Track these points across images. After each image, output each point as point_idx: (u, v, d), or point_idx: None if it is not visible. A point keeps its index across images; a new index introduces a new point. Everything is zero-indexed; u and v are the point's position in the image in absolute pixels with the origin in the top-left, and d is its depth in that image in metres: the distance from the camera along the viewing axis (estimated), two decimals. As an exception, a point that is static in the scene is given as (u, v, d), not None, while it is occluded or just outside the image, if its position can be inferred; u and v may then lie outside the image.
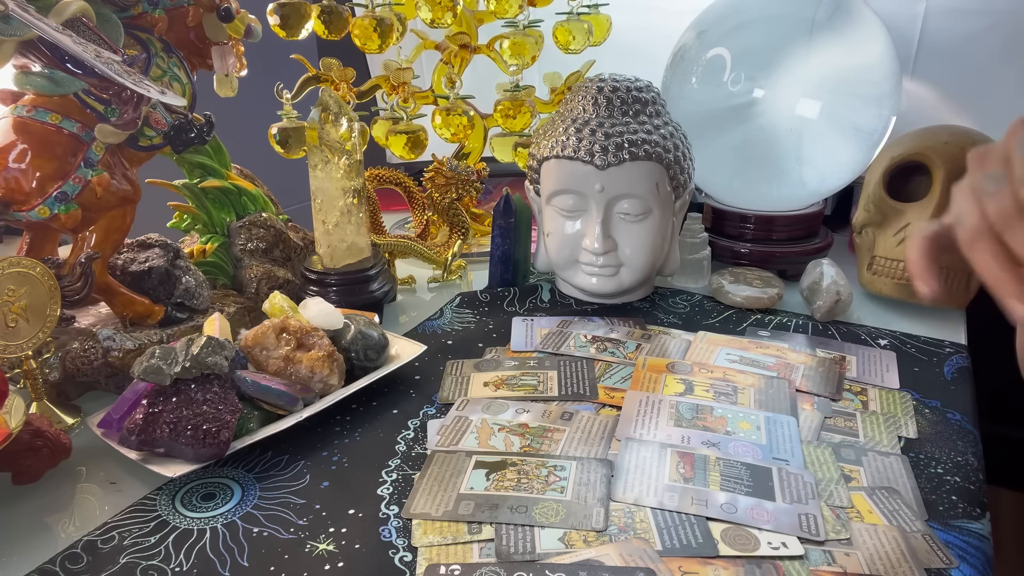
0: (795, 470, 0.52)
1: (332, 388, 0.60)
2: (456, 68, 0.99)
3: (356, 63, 1.03)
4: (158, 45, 0.68)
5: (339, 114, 0.72)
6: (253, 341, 0.60)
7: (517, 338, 0.73)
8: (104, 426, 0.55)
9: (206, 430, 0.51)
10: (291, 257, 0.84)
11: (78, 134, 0.61)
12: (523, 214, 0.83)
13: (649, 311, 0.79)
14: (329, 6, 0.91)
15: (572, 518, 0.48)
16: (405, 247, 0.86)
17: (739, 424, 0.58)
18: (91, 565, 0.46)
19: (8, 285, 0.54)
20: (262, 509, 0.51)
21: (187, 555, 0.47)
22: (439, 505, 0.50)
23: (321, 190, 0.75)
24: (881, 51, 0.86)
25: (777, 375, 0.65)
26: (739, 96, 0.90)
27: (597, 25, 0.95)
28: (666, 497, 0.50)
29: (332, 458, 0.56)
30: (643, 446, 0.55)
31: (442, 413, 0.61)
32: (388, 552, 0.46)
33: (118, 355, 0.64)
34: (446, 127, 0.95)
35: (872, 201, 0.82)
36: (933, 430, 0.58)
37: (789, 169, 0.90)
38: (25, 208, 0.59)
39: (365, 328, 0.64)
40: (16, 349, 0.55)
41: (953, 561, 0.45)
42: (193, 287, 0.70)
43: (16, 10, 0.52)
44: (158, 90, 0.60)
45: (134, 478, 0.54)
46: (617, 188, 0.73)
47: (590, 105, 0.75)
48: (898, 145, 0.82)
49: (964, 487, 0.52)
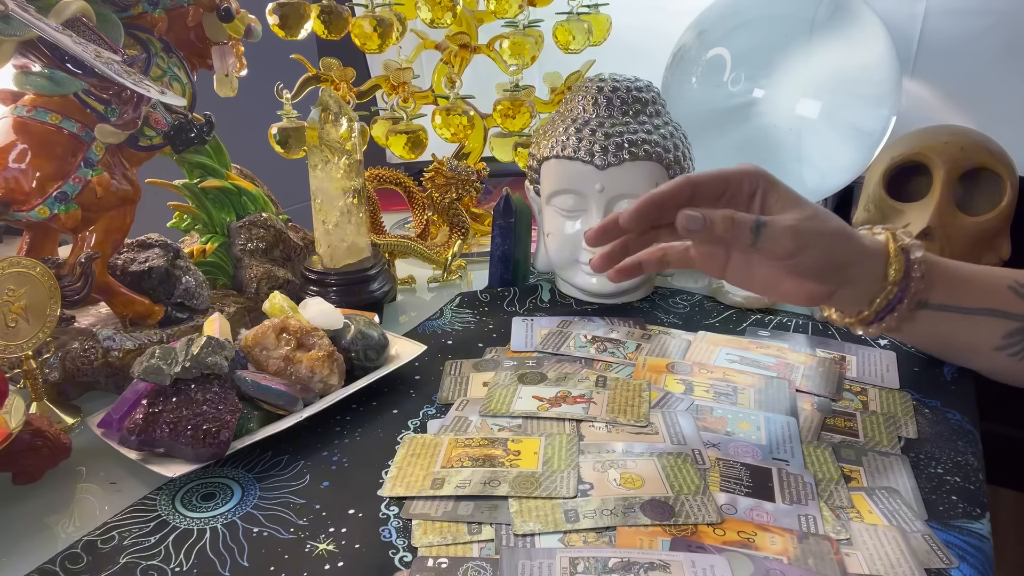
0: (795, 470, 0.52)
1: (332, 388, 0.60)
2: (456, 68, 0.99)
3: (356, 63, 1.03)
4: (158, 45, 0.68)
5: (339, 114, 0.72)
6: (253, 341, 0.60)
7: (517, 338, 0.73)
8: (104, 426, 0.55)
9: (206, 430, 0.51)
10: (291, 257, 0.84)
11: (78, 134, 0.61)
12: (523, 214, 0.83)
13: (649, 311, 0.79)
14: (329, 6, 0.91)
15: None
16: (405, 247, 0.86)
17: (739, 424, 0.58)
18: (91, 565, 0.46)
19: (8, 285, 0.54)
20: (262, 509, 0.51)
21: (187, 555, 0.47)
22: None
23: (321, 190, 0.75)
24: (881, 51, 0.86)
25: (777, 375, 0.65)
26: (739, 96, 0.90)
27: (597, 25, 0.95)
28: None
29: (332, 458, 0.56)
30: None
31: (442, 413, 0.61)
32: (388, 552, 0.46)
33: (118, 355, 0.64)
34: (446, 127, 0.95)
35: (872, 201, 0.82)
36: (933, 430, 0.58)
37: (789, 169, 0.90)
38: (25, 208, 0.59)
39: (365, 328, 0.64)
40: (16, 349, 0.55)
41: (953, 561, 0.45)
42: (193, 287, 0.70)
43: (16, 10, 0.51)
44: (158, 90, 0.60)
45: (134, 478, 0.54)
46: (617, 188, 0.73)
47: (590, 105, 0.75)
48: (898, 145, 0.82)
49: (964, 487, 0.52)
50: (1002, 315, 0.58)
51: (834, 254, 0.54)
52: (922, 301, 0.57)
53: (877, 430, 0.58)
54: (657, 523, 0.47)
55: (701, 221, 0.51)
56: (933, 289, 0.57)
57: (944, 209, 0.76)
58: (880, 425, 0.58)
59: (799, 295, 0.57)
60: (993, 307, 0.58)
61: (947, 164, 0.76)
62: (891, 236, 0.57)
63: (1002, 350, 0.59)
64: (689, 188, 0.53)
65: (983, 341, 0.59)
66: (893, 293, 0.56)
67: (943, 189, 0.76)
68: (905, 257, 0.56)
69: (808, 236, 0.52)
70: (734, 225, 0.51)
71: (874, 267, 0.56)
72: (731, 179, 0.54)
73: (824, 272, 0.54)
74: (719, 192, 0.54)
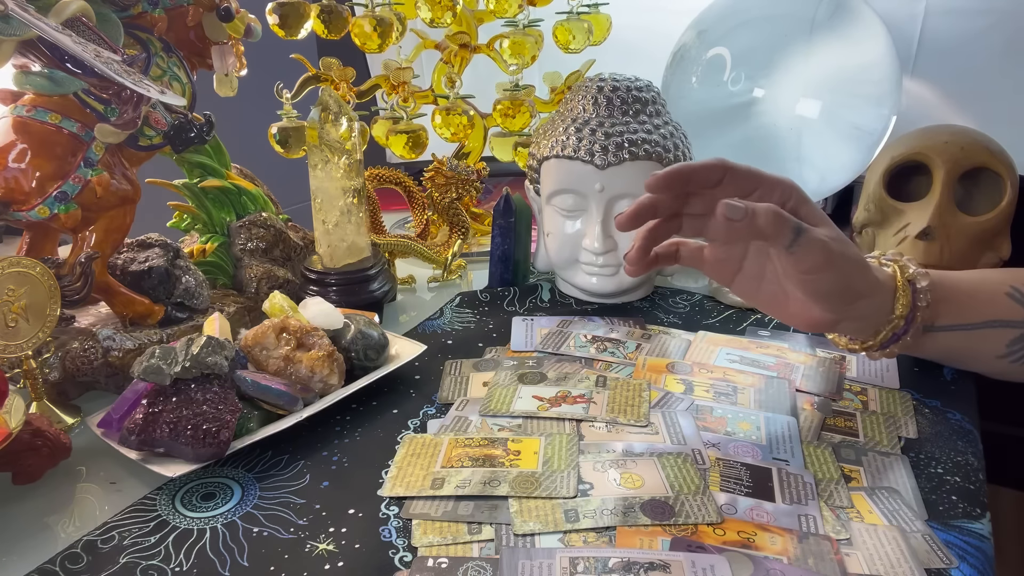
0: (795, 470, 0.52)
1: (332, 388, 0.60)
2: (456, 68, 0.99)
3: (356, 63, 1.03)
4: (158, 45, 0.68)
5: (339, 114, 0.72)
6: (253, 341, 0.60)
7: (517, 338, 0.73)
8: (104, 426, 0.55)
9: (206, 430, 0.51)
10: (291, 257, 0.84)
11: (78, 134, 0.61)
12: (523, 214, 0.83)
13: (649, 311, 0.79)
14: (329, 6, 0.91)
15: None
16: (405, 247, 0.86)
17: (739, 424, 0.58)
18: (91, 565, 0.46)
19: (8, 285, 0.54)
20: (262, 509, 0.51)
21: (187, 555, 0.47)
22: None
23: (321, 190, 0.75)
24: (881, 50, 0.86)
25: (777, 375, 0.65)
26: (739, 96, 0.90)
27: (597, 25, 0.95)
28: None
29: (332, 458, 0.56)
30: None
31: (442, 413, 0.61)
32: (388, 552, 0.46)
33: (118, 355, 0.64)
34: (446, 127, 0.95)
35: (872, 201, 0.82)
36: (933, 430, 0.58)
37: (789, 169, 0.90)
38: (25, 208, 0.59)
39: (365, 328, 0.64)
40: (16, 349, 0.55)
41: (953, 561, 0.45)
42: (193, 287, 0.70)
43: (16, 10, 0.51)
44: (158, 90, 0.60)
45: (134, 478, 0.54)
46: (617, 188, 0.73)
47: (590, 105, 0.75)
48: (898, 145, 0.82)
49: (964, 487, 0.52)
50: (1003, 324, 0.58)
51: (852, 281, 0.53)
52: (927, 326, 0.58)
53: (877, 430, 0.58)
54: (657, 523, 0.47)
55: (743, 211, 0.48)
56: (938, 314, 0.58)
57: (944, 209, 0.76)
58: (880, 425, 0.58)
59: (802, 319, 0.56)
60: (995, 318, 0.58)
61: (947, 164, 0.76)
62: (898, 268, 0.57)
63: (1005, 358, 0.59)
64: (721, 171, 0.52)
65: (987, 351, 0.60)
66: (899, 327, 0.57)
67: (943, 189, 0.76)
68: (912, 289, 0.56)
69: (835, 256, 0.51)
70: (778, 220, 0.49)
71: (883, 302, 0.56)
72: (764, 182, 0.52)
73: (837, 298, 0.53)
74: (749, 189, 0.52)
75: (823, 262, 0.51)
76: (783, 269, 0.54)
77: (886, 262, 0.59)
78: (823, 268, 0.51)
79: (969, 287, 0.59)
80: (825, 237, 0.51)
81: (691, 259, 0.58)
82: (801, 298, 0.54)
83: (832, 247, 0.51)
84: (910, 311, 0.56)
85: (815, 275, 0.52)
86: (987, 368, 0.62)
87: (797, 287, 0.53)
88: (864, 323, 0.57)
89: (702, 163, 0.52)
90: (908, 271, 0.57)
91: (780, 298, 0.56)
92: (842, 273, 0.52)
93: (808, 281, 0.52)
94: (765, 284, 0.56)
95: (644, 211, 0.53)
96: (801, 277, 0.52)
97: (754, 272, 0.56)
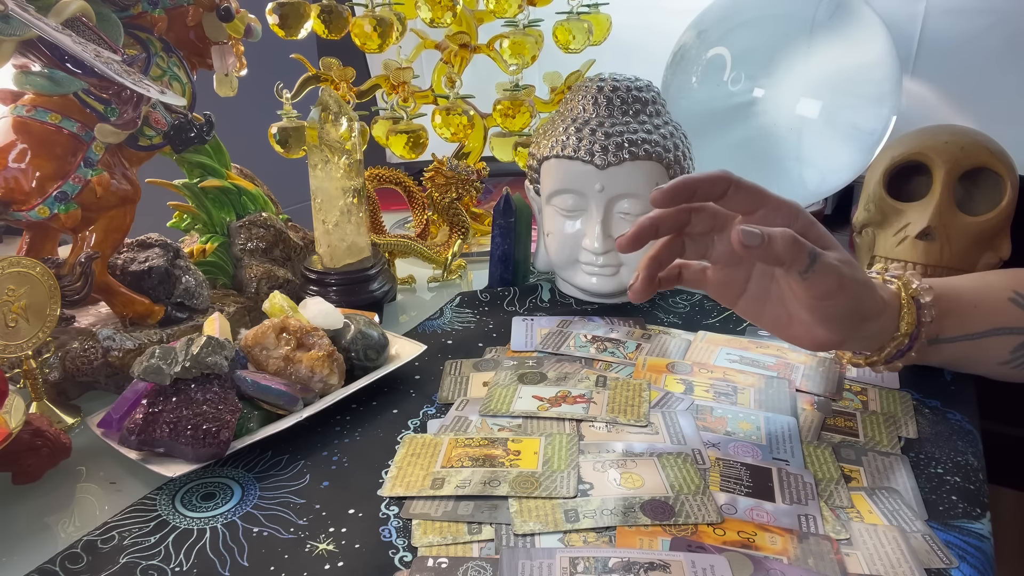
0: (795, 470, 0.52)
1: (332, 388, 0.60)
2: (456, 68, 0.99)
3: (356, 63, 1.03)
4: (158, 45, 0.68)
5: (339, 114, 0.72)
6: (253, 341, 0.60)
7: (517, 338, 0.73)
8: (104, 426, 0.55)
9: (206, 430, 0.51)
10: (291, 257, 0.84)
11: (78, 134, 0.61)
12: (523, 214, 0.83)
13: (649, 311, 0.79)
14: (329, 5, 0.91)
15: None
16: (405, 247, 0.86)
17: (739, 424, 0.58)
18: (91, 565, 0.46)
19: (8, 285, 0.54)
20: (262, 509, 0.51)
21: (187, 555, 0.47)
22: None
23: (321, 190, 0.75)
24: (881, 50, 0.86)
25: (777, 375, 0.65)
26: (739, 95, 0.90)
27: (597, 25, 0.95)
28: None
29: (332, 458, 0.56)
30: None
31: (442, 413, 0.61)
32: (388, 552, 0.46)
33: (118, 355, 0.64)
34: (446, 127, 0.94)
35: (872, 201, 0.82)
36: (933, 430, 0.58)
37: (789, 168, 0.90)
38: (25, 208, 0.59)
39: (365, 328, 0.64)
40: (16, 349, 0.55)
41: (953, 561, 0.45)
42: (193, 287, 0.70)
43: (16, 10, 0.51)
44: (158, 90, 0.60)
45: (134, 478, 0.54)
46: (617, 188, 0.73)
47: (590, 105, 0.75)
48: (898, 145, 0.82)
49: (964, 487, 0.52)
50: (1007, 331, 0.58)
51: (862, 304, 0.53)
52: (932, 339, 0.58)
53: (877, 430, 0.58)
54: (657, 523, 0.47)
55: (760, 237, 0.46)
56: (943, 328, 0.58)
57: (944, 209, 0.76)
58: (880, 425, 0.58)
59: (808, 340, 0.55)
60: (999, 326, 0.58)
61: (947, 164, 0.76)
62: (902, 286, 0.57)
63: (1007, 364, 0.59)
64: (726, 183, 0.50)
65: (990, 358, 0.60)
66: (903, 343, 0.57)
67: (943, 189, 0.76)
68: (916, 306, 0.56)
69: (847, 281, 0.50)
70: (796, 247, 0.47)
71: (888, 321, 0.56)
72: (770, 202, 0.51)
73: (845, 320, 0.53)
74: (752, 207, 0.51)
75: (836, 287, 0.50)
76: (794, 293, 0.53)
77: (890, 279, 0.58)
78: (835, 294, 0.50)
79: (973, 296, 0.59)
80: (837, 262, 0.50)
81: (694, 281, 0.57)
82: (807, 320, 0.53)
83: (844, 272, 0.50)
84: (915, 328, 0.56)
85: (828, 300, 0.51)
86: (989, 373, 0.63)
87: (806, 311, 0.53)
88: (869, 342, 0.57)
89: (707, 175, 0.51)
90: (912, 287, 0.57)
91: (784, 320, 0.56)
92: (852, 296, 0.51)
93: (820, 307, 0.51)
94: (769, 305, 0.56)
95: (645, 232, 0.52)
96: (813, 303, 0.51)
97: (758, 293, 0.56)
